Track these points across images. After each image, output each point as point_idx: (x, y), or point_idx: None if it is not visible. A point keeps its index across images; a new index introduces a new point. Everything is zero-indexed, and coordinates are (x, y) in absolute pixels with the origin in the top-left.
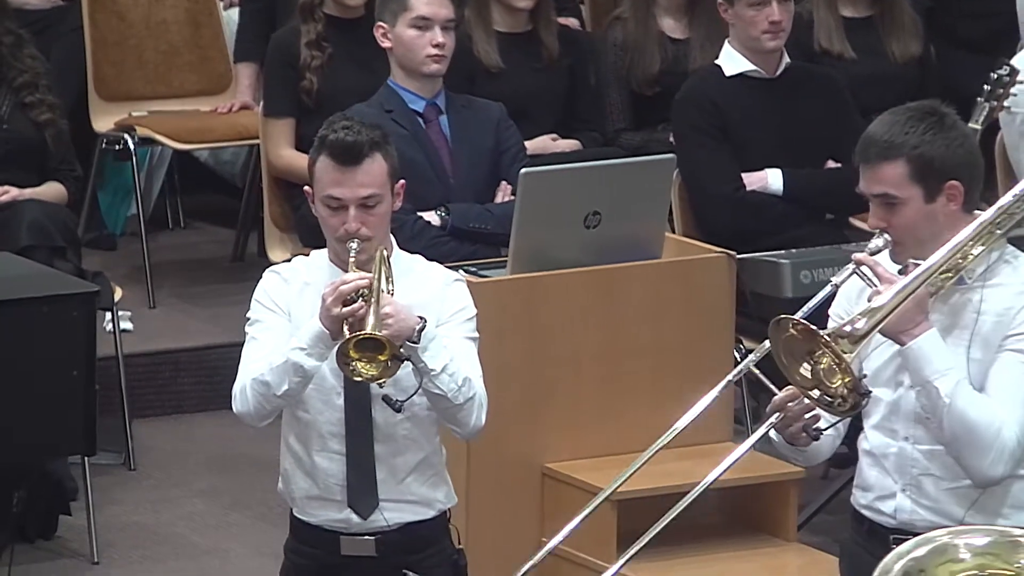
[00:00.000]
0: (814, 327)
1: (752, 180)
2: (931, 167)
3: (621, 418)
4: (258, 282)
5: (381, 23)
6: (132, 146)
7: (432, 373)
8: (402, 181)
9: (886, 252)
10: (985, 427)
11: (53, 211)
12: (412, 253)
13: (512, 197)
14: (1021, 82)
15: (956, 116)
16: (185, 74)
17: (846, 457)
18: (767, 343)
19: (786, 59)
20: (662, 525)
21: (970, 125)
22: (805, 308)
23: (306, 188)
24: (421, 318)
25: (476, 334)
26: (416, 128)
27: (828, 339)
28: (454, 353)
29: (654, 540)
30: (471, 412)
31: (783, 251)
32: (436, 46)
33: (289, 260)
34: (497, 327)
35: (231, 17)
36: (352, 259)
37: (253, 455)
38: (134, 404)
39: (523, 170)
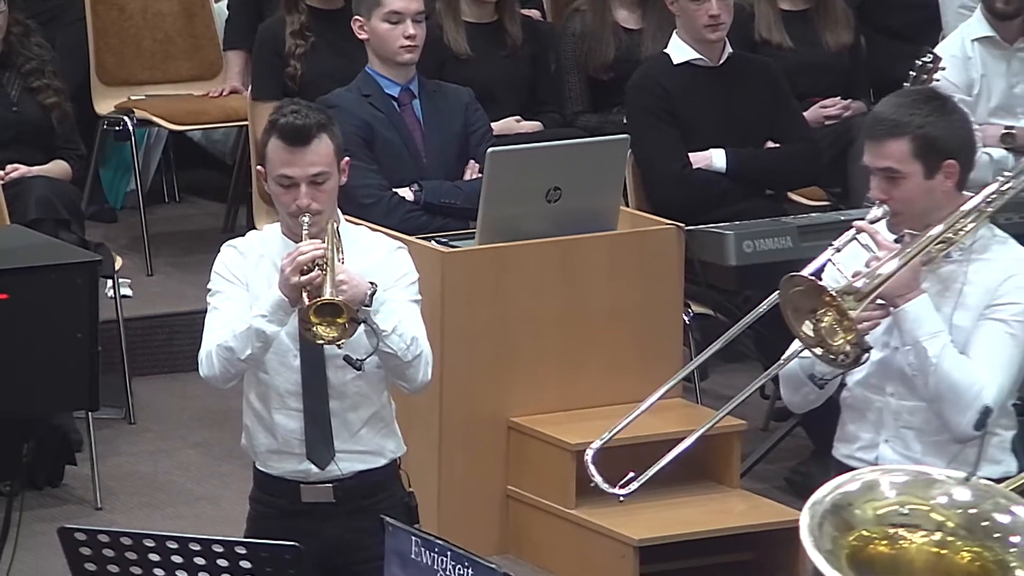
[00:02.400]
0: (823, 284)
1: (698, 159)
2: (933, 146)
3: (580, 376)
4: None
5: (358, 16)
6: (131, 127)
7: (384, 334)
8: (346, 159)
9: (884, 221)
10: (967, 387)
11: (59, 187)
12: (389, 227)
13: (480, 174)
14: (943, 68)
15: (956, 101)
16: (179, 61)
17: (785, 411)
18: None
19: (728, 49)
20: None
21: None
22: (808, 267)
23: (259, 168)
24: (372, 283)
25: (419, 296)
26: (391, 111)
27: (835, 296)
28: (402, 315)
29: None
30: (419, 369)
31: (727, 223)
32: (408, 37)
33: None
34: (466, 293)
35: (221, 9)
36: (305, 231)
37: (242, 410)
38: (133, 363)
39: (490, 150)
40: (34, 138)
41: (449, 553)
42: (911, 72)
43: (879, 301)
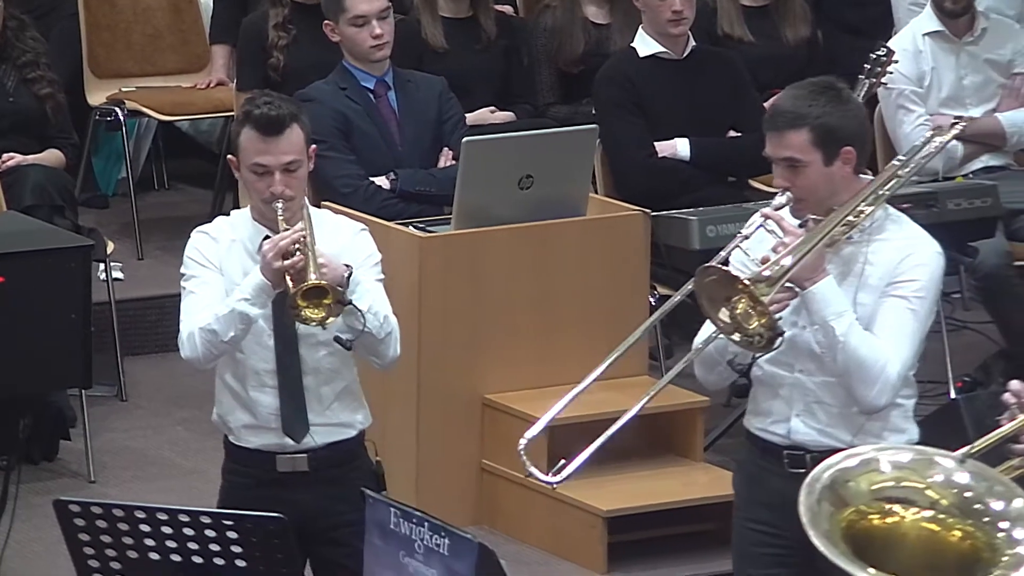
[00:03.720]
0: (736, 273)
1: (663, 148)
2: (831, 135)
3: (551, 354)
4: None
5: (328, 21)
6: (122, 117)
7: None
8: (314, 146)
9: (787, 208)
10: (873, 362)
11: (53, 175)
12: (366, 214)
13: (454, 162)
14: (896, 61)
15: (850, 90)
16: (168, 54)
17: (746, 387)
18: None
19: (692, 42)
20: (598, 444)
21: None
22: (718, 257)
23: (230, 157)
24: (347, 265)
25: (383, 275)
26: (367, 103)
27: (748, 283)
28: (373, 295)
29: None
30: (389, 345)
31: (691, 209)
32: (375, 37)
33: (212, 221)
34: (443, 276)
35: (207, 4)
36: (280, 217)
37: None
38: (125, 343)
39: (465, 139)
40: (29, 128)
41: (426, 524)
42: (866, 65)
43: (787, 284)
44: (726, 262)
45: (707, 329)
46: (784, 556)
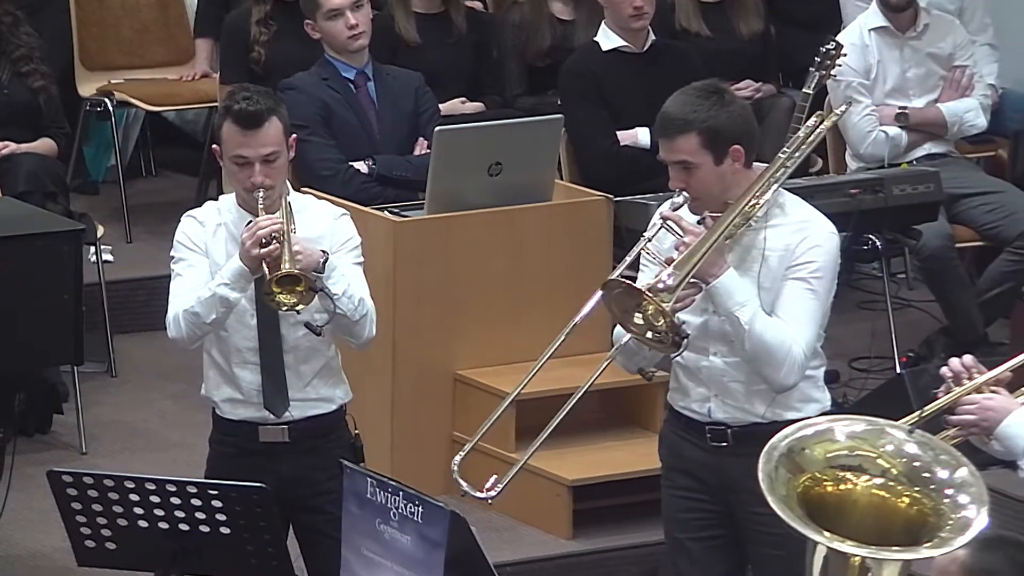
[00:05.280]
0: (638, 286)
1: (625, 136)
2: (718, 136)
3: (520, 332)
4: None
5: (308, 20)
6: (111, 108)
7: (335, 297)
8: (294, 136)
9: (686, 206)
10: (778, 346)
11: (46, 162)
12: (346, 199)
13: (428, 150)
14: (844, 55)
15: (733, 91)
16: (154, 48)
17: None
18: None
19: (652, 36)
20: (560, 417)
21: (803, 91)
22: (622, 264)
23: (214, 147)
24: (324, 252)
25: (362, 259)
26: (348, 93)
27: (649, 295)
28: (349, 278)
29: (550, 433)
30: (364, 326)
31: (651, 194)
32: (351, 27)
33: (201, 206)
34: (416, 258)
35: (192, 0)
36: (261, 206)
37: None
38: (115, 322)
39: (437, 128)
40: (23, 118)
41: (401, 493)
42: (816, 58)
43: (692, 280)
44: (635, 264)
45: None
46: (707, 520)
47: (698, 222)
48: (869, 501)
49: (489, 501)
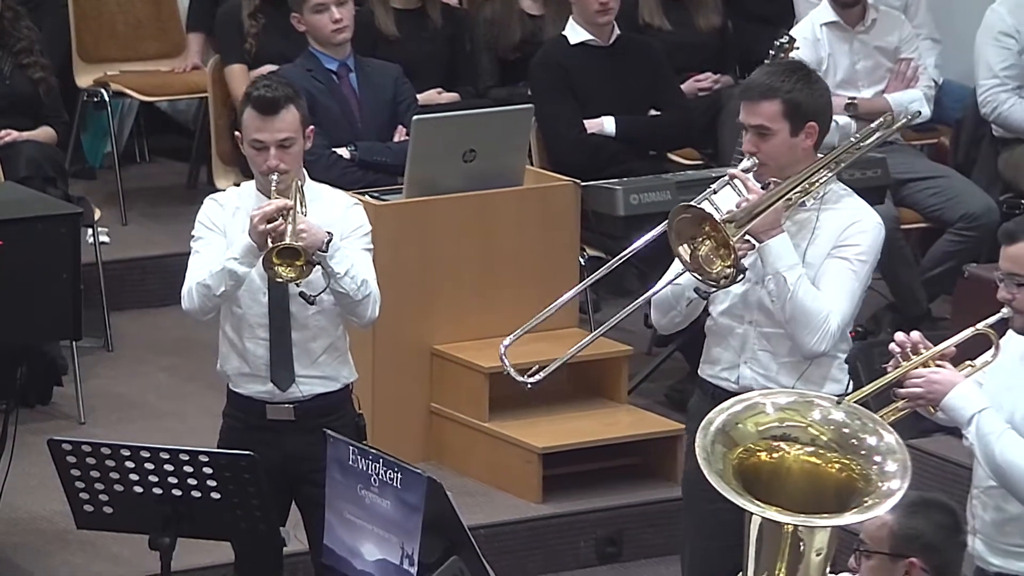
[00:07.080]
0: (709, 213)
1: (591, 125)
2: (799, 109)
3: (492, 309)
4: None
5: (294, 13)
6: (107, 98)
7: (337, 276)
8: (311, 127)
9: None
10: (816, 312)
11: (45, 149)
12: (328, 182)
13: (407, 138)
14: (797, 48)
15: (819, 74)
16: (148, 42)
17: (665, 338)
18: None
19: (617, 31)
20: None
21: None
22: (697, 199)
23: (236, 132)
24: (329, 232)
25: (371, 246)
26: (331, 83)
27: (719, 223)
28: (355, 261)
29: (520, 403)
30: (367, 307)
31: (616, 180)
32: (335, 21)
33: (224, 190)
34: (395, 239)
35: None
36: (274, 188)
37: (204, 340)
38: (111, 300)
39: (415, 117)
40: (24, 108)
41: (381, 460)
42: (771, 51)
43: (747, 237)
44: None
45: (667, 277)
46: None
47: (762, 188)
48: (801, 468)
49: (529, 386)
